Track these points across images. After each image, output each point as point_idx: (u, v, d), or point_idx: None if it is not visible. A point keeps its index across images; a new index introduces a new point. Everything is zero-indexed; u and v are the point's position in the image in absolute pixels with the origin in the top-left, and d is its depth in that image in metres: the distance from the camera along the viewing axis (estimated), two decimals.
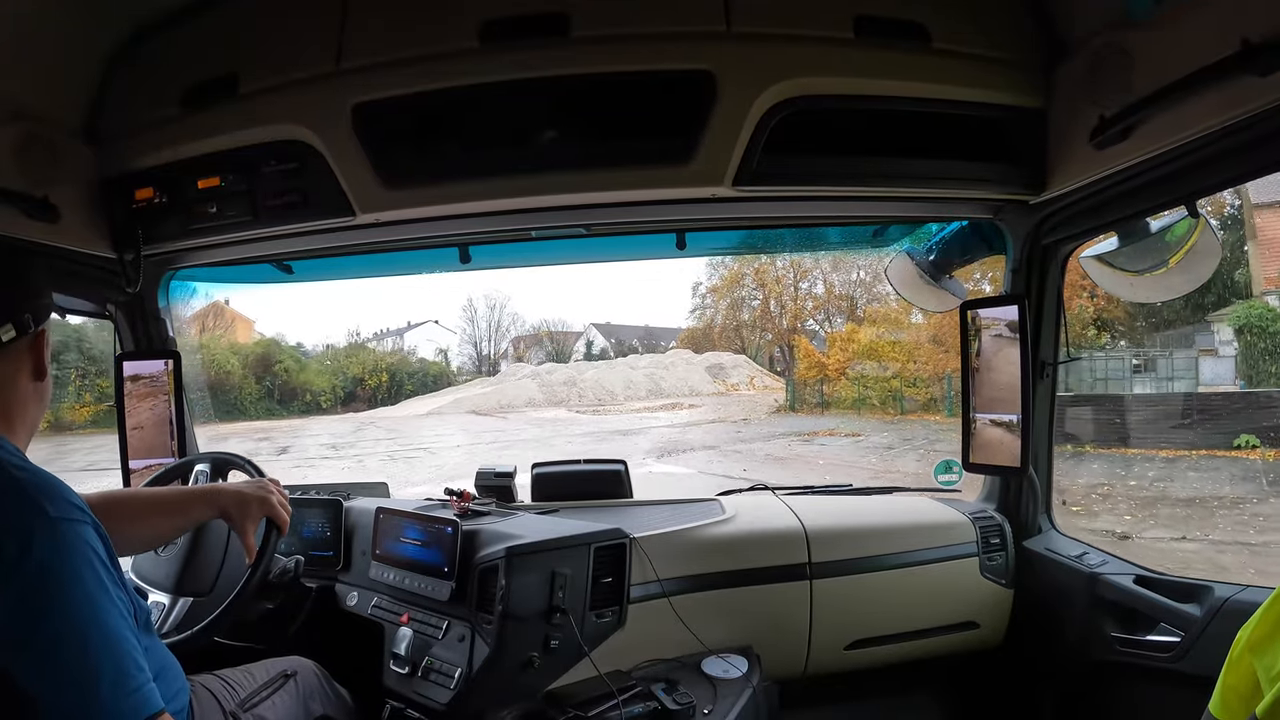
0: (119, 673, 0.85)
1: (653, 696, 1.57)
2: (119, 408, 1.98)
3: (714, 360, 24.09)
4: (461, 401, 21.65)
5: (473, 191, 1.53)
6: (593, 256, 2.23)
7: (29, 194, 1.48)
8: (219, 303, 19.36)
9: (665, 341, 27.43)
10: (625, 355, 26.39)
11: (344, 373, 22.06)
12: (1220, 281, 12.14)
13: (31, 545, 0.84)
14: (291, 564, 1.65)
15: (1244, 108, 1.14)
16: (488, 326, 27.27)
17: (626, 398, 22.34)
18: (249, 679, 1.41)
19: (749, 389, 22.43)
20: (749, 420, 18.37)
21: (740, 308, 24.24)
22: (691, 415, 19.61)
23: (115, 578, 0.91)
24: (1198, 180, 1.36)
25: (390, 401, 21.77)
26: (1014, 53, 1.52)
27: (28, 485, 0.89)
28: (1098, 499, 8.84)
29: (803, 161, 1.53)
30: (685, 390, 22.66)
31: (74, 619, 0.84)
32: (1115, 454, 10.57)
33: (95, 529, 0.91)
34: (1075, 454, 10.65)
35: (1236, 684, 0.81)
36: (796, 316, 22.73)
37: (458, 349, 26.66)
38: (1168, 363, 12.88)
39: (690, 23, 1.44)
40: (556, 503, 2.08)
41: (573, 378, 23.45)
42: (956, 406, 2.78)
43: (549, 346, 27.51)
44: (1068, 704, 1.87)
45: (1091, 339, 14.03)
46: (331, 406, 21.03)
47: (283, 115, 1.53)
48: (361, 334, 24.89)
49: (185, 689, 1.19)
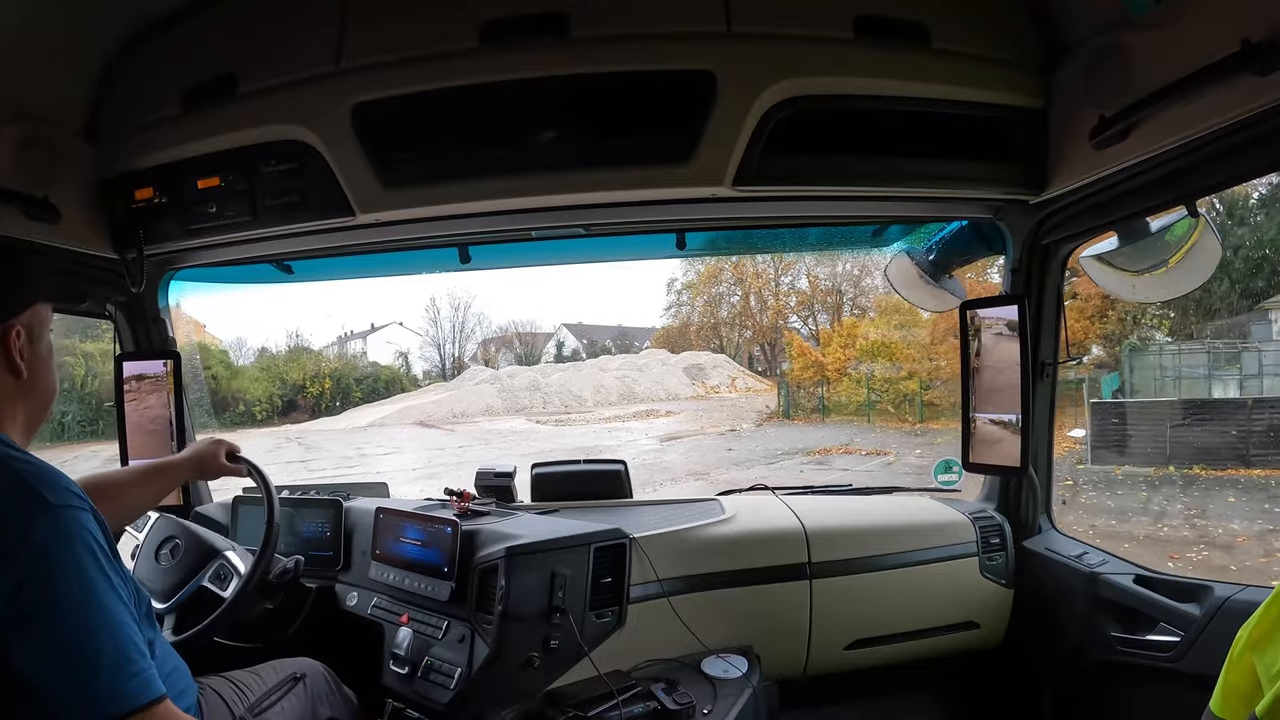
0: (119, 657, 0.85)
1: (652, 696, 1.57)
2: (119, 408, 1.98)
3: (692, 360, 22.89)
4: (409, 411, 19.45)
5: (472, 191, 1.53)
6: (592, 256, 2.23)
7: (29, 194, 1.48)
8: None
9: (640, 342, 26.23)
10: (597, 356, 25.07)
11: (284, 379, 19.75)
12: (1270, 266, 10.87)
13: (31, 532, 0.84)
14: (291, 564, 1.65)
15: (1244, 107, 1.14)
16: (451, 328, 25.77)
17: (596, 403, 20.62)
18: (258, 681, 1.41)
19: (730, 391, 21.19)
20: (738, 431, 16.08)
21: (718, 304, 23.16)
22: (669, 424, 17.28)
23: (115, 565, 0.91)
24: (1198, 180, 1.36)
25: (335, 411, 19.72)
26: (1014, 53, 1.52)
27: (25, 474, 0.89)
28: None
29: (803, 161, 1.52)
30: (661, 394, 21.15)
31: (74, 604, 0.84)
32: (1239, 476, 7.88)
33: (94, 516, 0.91)
34: (1185, 478, 8.36)
35: (1237, 683, 0.81)
36: (778, 313, 21.69)
37: (419, 352, 25.28)
38: (1254, 357, 10.19)
39: (690, 23, 1.44)
40: (556, 503, 2.08)
41: (536, 382, 21.68)
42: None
43: (518, 348, 26.24)
44: (1068, 703, 1.87)
45: (1152, 321, 12.16)
46: (268, 418, 18.74)
47: (282, 115, 1.53)
48: (305, 336, 22.79)
49: (193, 689, 1.19)
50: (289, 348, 21.92)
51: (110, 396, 2.07)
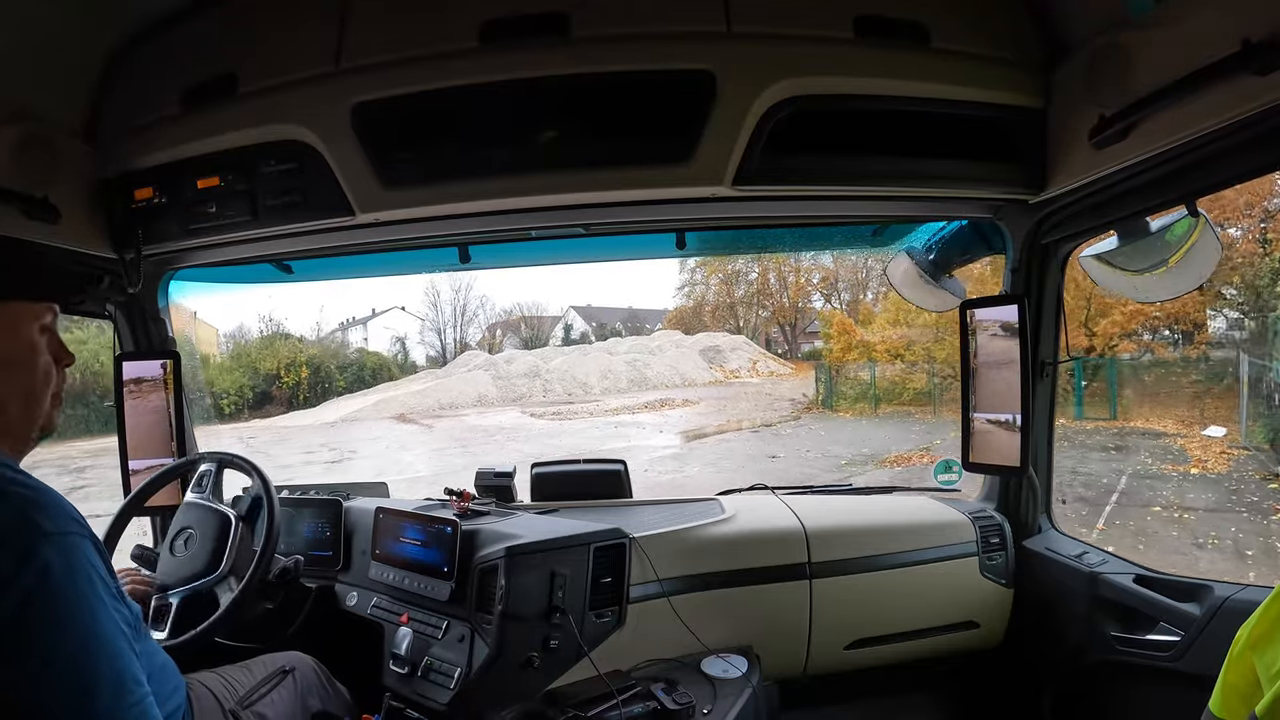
0: (119, 686, 0.84)
1: (652, 696, 1.57)
2: (118, 408, 1.98)
3: (709, 342, 20.71)
4: (388, 403, 17.19)
5: (472, 191, 1.53)
6: (592, 256, 2.23)
7: (29, 194, 1.47)
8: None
9: (651, 324, 24.44)
10: (606, 339, 22.89)
11: (256, 369, 17.61)
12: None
13: (30, 560, 0.83)
14: (291, 564, 1.65)
15: (1244, 107, 1.14)
16: (453, 312, 24.01)
17: (603, 390, 18.23)
18: (247, 676, 1.41)
19: (751, 375, 19.19)
20: (773, 426, 13.12)
21: (735, 282, 21.35)
22: (688, 416, 14.81)
23: (113, 591, 0.90)
24: (1197, 179, 1.36)
25: (313, 403, 17.68)
26: (1014, 52, 1.52)
27: (24, 501, 0.87)
28: None
29: (802, 161, 1.52)
30: (675, 379, 18.87)
31: (74, 632, 0.83)
32: None
33: (93, 543, 0.90)
34: None
35: (1237, 682, 0.81)
36: (799, 290, 20.00)
37: (419, 337, 23.44)
38: None
39: (690, 23, 1.44)
40: (556, 503, 2.08)
41: (536, 368, 19.16)
42: (1093, 404, 2.10)
43: (524, 332, 24.65)
44: (1067, 703, 1.87)
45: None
46: (236, 412, 16.79)
47: (282, 115, 1.53)
48: (278, 320, 20.16)
49: (181, 687, 1.18)
50: (260, 334, 19.36)
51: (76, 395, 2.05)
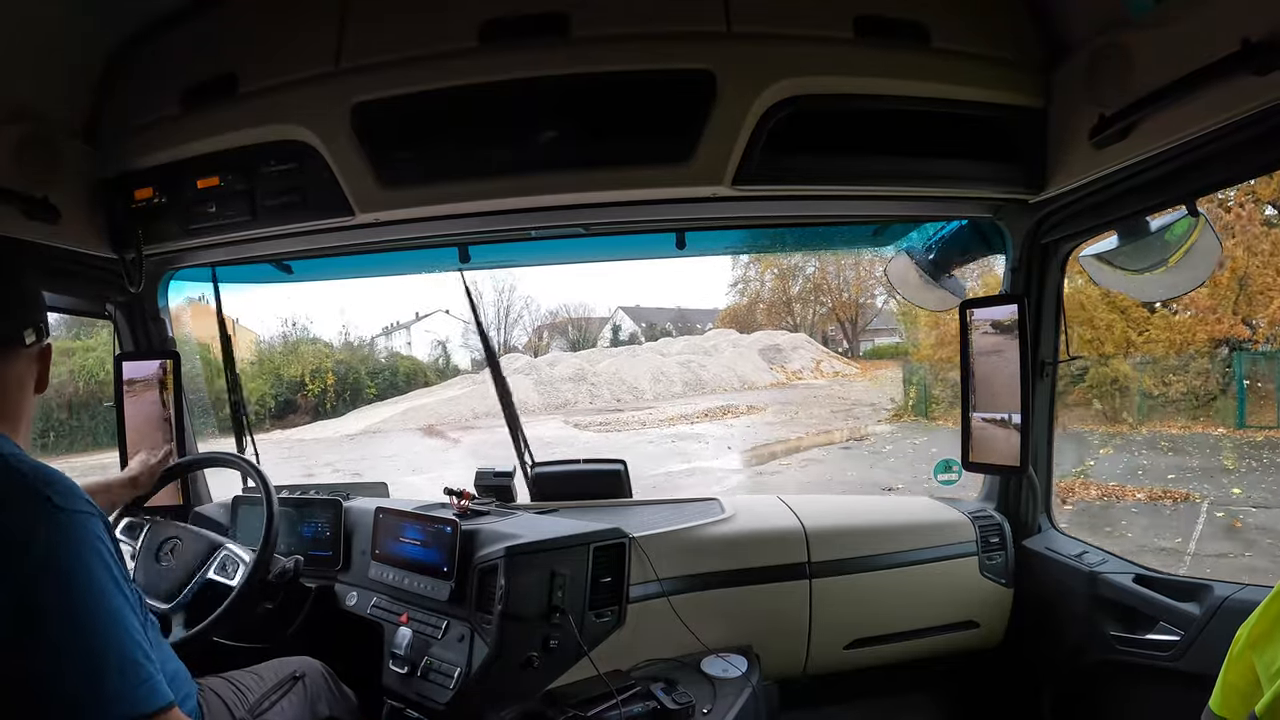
0: (128, 662, 0.85)
1: (652, 696, 1.57)
2: (118, 408, 1.98)
3: (768, 341, 19.10)
4: (417, 412, 15.93)
5: (472, 191, 1.53)
6: (592, 256, 2.23)
7: (29, 194, 1.48)
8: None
9: (702, 324, 23.04)
10: (656, 339, 21.53)
11: (279, 376, 16.89)
12: None
13: (40, 536, 0.84)
14: (291, 564, 1.65)
15: (1243, 107, 1.14)
16: (496, 314, 23.00)
17: (655, 396, 16.61)
18: (257, 681, 1.41)
19: (815, 376, 17.66)
20: (868, 441, 11.21)
21: (791, 277, 19.79)
22: (756, 426, 12.81)
23: (123, 571, 0.92)
24: (1197, 179, 1.36)
25: (340, 411, 16.83)
26: (1014, 52, 1.52)
27: (35, 479, 0.89)
28: None
29: (802, 161, 1.52)
30: (734, 382, 17.12)
31: (83, 608, 0.84)
32: None
33: (103, 522, 0.92)
34: None
35: (1236, 681, 0.81)
36: (860, 285, 18.41)
37: (463, 341, 22.09)
38: None
39: (690, 23, 1.44)
40: (556, 502, 2.08)
41: (582, 371, 17.69)
42: (1257, 412, 1.82)
43: (571, 334, 23.68)
44: (1067, 703, 1.87)
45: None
46: (258, 421, 13.38)
47: (282, 115, 1.53)
48: (304, 325, 19.38)
49: (193, 694, 1.19)
50: (283, 338, 18.48)
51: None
